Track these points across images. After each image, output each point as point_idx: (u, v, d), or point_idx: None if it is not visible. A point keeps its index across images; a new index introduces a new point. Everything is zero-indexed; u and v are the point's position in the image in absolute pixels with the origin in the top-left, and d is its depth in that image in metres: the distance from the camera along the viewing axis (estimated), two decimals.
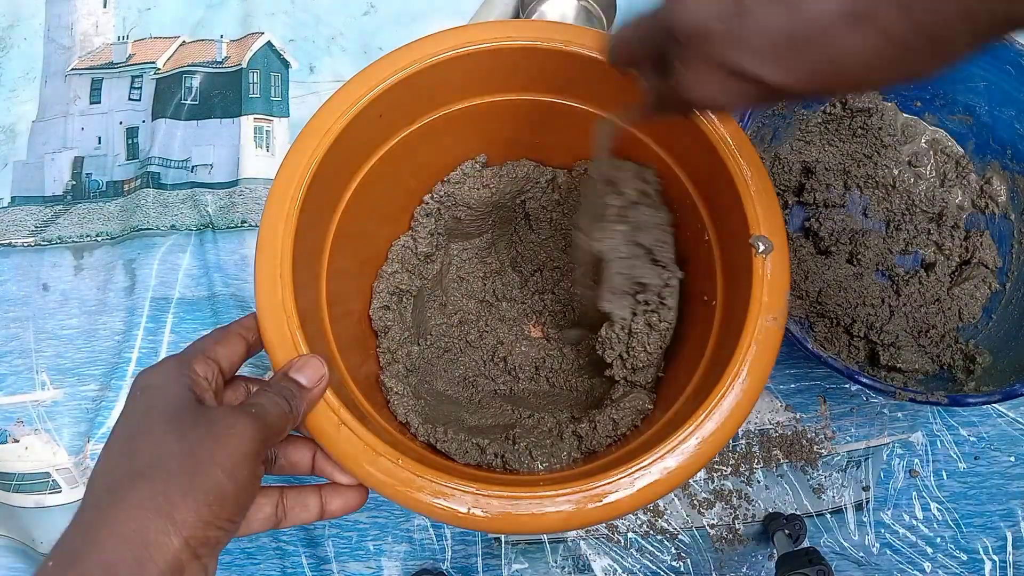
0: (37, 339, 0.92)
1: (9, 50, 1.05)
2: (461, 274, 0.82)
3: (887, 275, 0.87)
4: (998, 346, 0.80)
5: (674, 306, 0.66)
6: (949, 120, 0.89)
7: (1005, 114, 0.84)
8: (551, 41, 0.63)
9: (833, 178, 0.89)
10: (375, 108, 0.62)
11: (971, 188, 0.89)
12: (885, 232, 0.89)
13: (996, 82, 0.82)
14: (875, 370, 0.82)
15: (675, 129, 0.64)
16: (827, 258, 0.87)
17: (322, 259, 0.65)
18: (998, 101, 0.83)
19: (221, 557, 0.82)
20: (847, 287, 0.84)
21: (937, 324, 0.83)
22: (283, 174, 0.58)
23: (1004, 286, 0.85)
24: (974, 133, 0.88)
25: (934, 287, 0.85)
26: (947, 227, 0.88)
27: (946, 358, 0.81)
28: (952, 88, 0.85)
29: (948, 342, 0.82)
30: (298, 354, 0.54)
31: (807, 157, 0.90)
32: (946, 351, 0.82)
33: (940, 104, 0.88)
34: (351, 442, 0.53)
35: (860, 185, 0.90)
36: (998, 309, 0.84)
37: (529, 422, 0.71)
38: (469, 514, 0.51)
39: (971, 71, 0.82)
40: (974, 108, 0.86)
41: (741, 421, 0.53)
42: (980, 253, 0.86)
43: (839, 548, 0.83)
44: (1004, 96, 0.82)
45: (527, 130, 0.74)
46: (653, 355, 0.67)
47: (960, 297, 0.84)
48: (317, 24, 1.05)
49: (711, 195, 0.66)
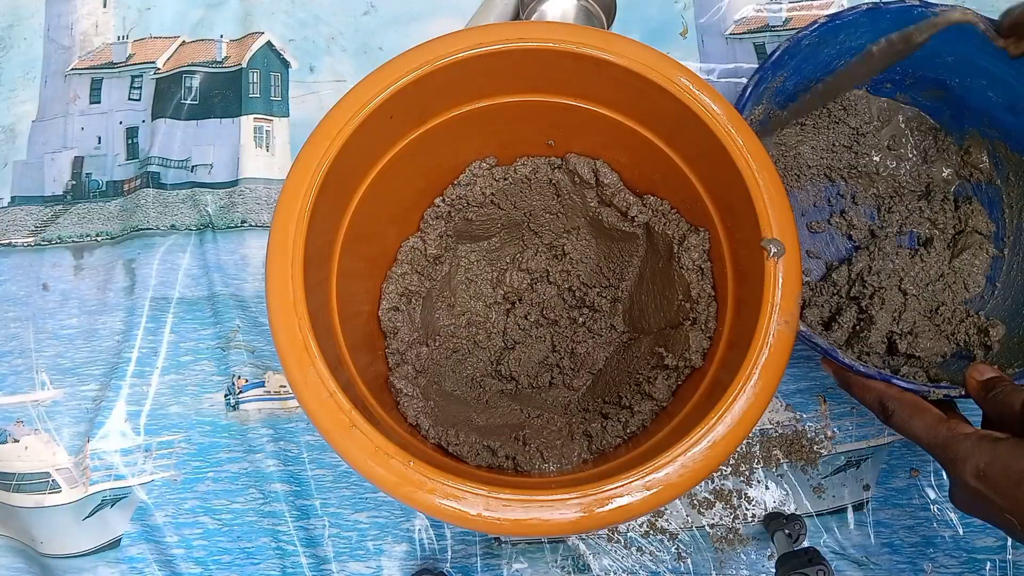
0: (37, 339, 0.91)
1: (9, 50, 1.05)
2: (470, 276, 0.82)
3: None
4: (1010, 316, 0.80)
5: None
6: (922, 96, 0.89)
7: (976, 84, 0.83)
8: (563, 43, 0.63)
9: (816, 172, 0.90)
10: (386, 109, 0.62)
11: (953, 160, 0.89)
12: (877, 216, 0.90)
13: (963, 55, 0.82)
14: (894, 359, 0.81)
15: (685, 129, 0.65)
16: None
17: (332, 260, 0.65)
18: (967, 73, 0.83)
19: (221, 557, 0.82)
20: None
21: (946, 300, 0.83)
22: (294, 175, 0.58)
23: (1003, 251, 0.85)
24: (948, 106, 0.87)
25: (936, 263, 0.85)
26: (936, 201, 0.88)
27: (960, 335, 0.81)
28: (921, 65, 0.85)
29: (960, 316, 0.82)
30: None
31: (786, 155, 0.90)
32: (959, 327, 0.81)
33: (910, 83, 0.87)
34: (362, 444, 0.53)
35: (844, 176, 0.90)
36: (1001, 276, 0.84)
37: (538, 422, 0.71)
38: (480, 516, 0.52)
39: (937, 47, 0.81)
40: (945, 82, 0.85)
41: (753, 425, 0.54)
42: (972, 221, 0.86)
43: (839, 548, 0.83)
44: (973, 67, 0.82)
45: (537, 132, 0.74)
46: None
47: (961, 269, 0.85)
48: (317, 24, 1.04)
49: (722, 197, 0.66)
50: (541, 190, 0.78)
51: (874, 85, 0.89)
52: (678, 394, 0.67)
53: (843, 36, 0.81)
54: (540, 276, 0.83)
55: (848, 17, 0.80)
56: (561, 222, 0.81)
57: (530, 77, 0.67)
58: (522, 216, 0.80)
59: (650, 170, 0.73)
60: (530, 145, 0.76)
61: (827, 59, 0.83)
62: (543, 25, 0.66)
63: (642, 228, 0.76)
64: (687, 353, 0.66)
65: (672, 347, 0.69)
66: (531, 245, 0.83)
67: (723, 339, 0.64)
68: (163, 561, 0.83)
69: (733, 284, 0.65)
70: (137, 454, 0.86)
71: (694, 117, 0.62)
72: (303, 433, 0.87)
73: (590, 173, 0.76)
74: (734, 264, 0.65)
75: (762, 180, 0.59)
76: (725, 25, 1.03)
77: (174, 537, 0.84)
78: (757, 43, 1.02)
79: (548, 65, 0.65)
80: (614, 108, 0.69)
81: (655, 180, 0.74)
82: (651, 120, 0.69)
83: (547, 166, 0.77)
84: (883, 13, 0.80)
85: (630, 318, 0.80)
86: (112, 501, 0.85)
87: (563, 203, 0.79)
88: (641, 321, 0.78)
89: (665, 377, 0.68)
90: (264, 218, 0.95)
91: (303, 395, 0.54)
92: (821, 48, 0.81)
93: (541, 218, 0.80)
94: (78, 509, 0.85)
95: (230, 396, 0.88)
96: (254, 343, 0.90)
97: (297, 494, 0.85)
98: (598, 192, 0.77)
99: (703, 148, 0.64)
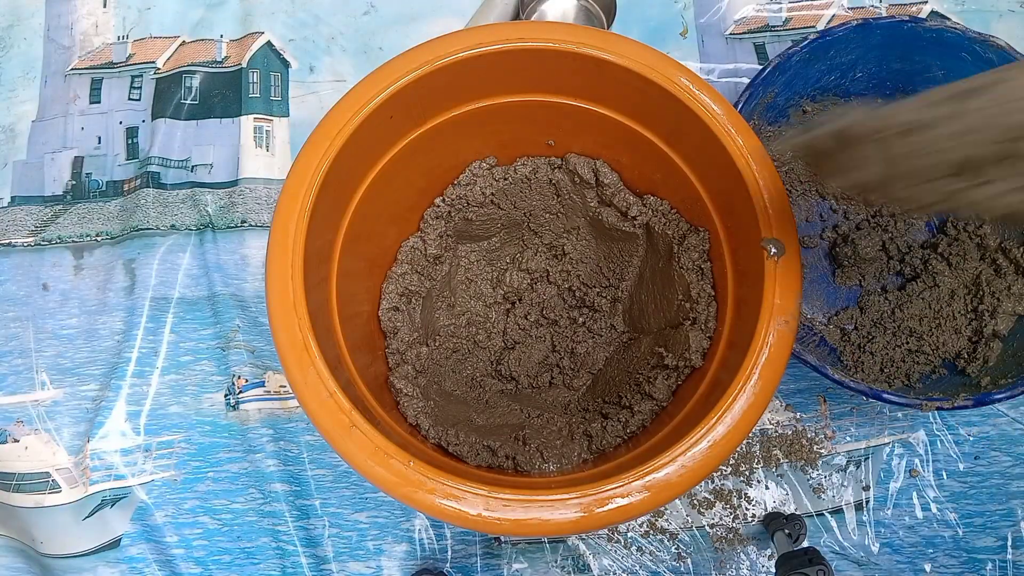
0: (37, 339, 0.91)
1: (9, 50, 1.05)
2: (470, 275, 0.82)
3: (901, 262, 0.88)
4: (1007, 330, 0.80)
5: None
6: None
7: None
8: (563, 43, 0.63)
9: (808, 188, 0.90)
10: (386, 109, 0.62)
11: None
12: (871, 219, 0.90)
13: (953, 69, 0.82)
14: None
15: (685, 130, 0.65)
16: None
17: (332, 260, 0.65)
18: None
19: (221, 557, 0.82)
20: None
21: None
22: (294, 175, 0.58)
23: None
24: None
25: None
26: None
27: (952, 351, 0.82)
28: (910, 81, 0.85)
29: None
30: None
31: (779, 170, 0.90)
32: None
33: (900, 99, 0.88)
34: (362, 444, 0.53)
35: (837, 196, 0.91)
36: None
37: (538, 422, 0.71)
38: (480, 516, 0.52)
39: (927, 62, 0.82)
40: None
41: (753, 425, 0.54)
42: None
43: (839, 548, 0.83)
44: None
45: (537, 132, 0.74)
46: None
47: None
48: (317, 24, 1.05)
49: (722, 197, 0.66)
50: (541, 190, 0.78)
51: (864, 101, 0.89)
52: (678, 394, 0.67)
53: (833, 52, 0.82)
54: (540, 276, 0.83)
55: (839, 33, 0.80)
56: (561, 222, 0.81)
57: (530, 77, 0.67)
58: (522, 216, 0.80)
59: (650, 170, 0.73)
60: (530, 145, 0.76)
61: (817, 75, 0.84)
62: (543, 25, 0.66)
63: (642, 228, 0.76)
64: (687, 353, 0.66)
65: (672, 347, 0.69)
66: (531, 245, 0.83)
67: (723, 339, 0.64)
68: (163, 561, 0.83)
69: (733, 284, 0.65)
70: (137, 454, 0.86)
71: (694, 117, 0.62)
72: (303, 433, 0.87)
73: (590, 173, 0.76)
74: (734, 264, 0.65)
75: (762, 180, 0.59)
76: (725, 25, 1.03)
77: (174, 537, 0.84)
78: (757, 43, 1.02)
79: (548, 65, 0.65)
80: (614, 108, 0.69)
81: (655, 180, 0.74)
82: (651, 120, 0.69)
83: (547, 166, 0.77)
84: (873, 29, 0.80)
85: (630, 318, 0.80)
86: (112, 501, 0.85)
87: (563, 203, 0.79)
88: (641, 321, 0.78)
89: (665, 377, 0.68)
90: (264, 218, 0.95)
91: (303, 395, 0.54)
92: (812, 64, 0.82)
93: (541, 218, 0.80)
94: (78, 509, 0.85)
95: (230, 396, 0.88)
96: (254, 343, 0.90)
97: (297, 494, 0.85)
98: (598, 192, 0.77)
99: (703, 148, 0.64)
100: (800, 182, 0.90)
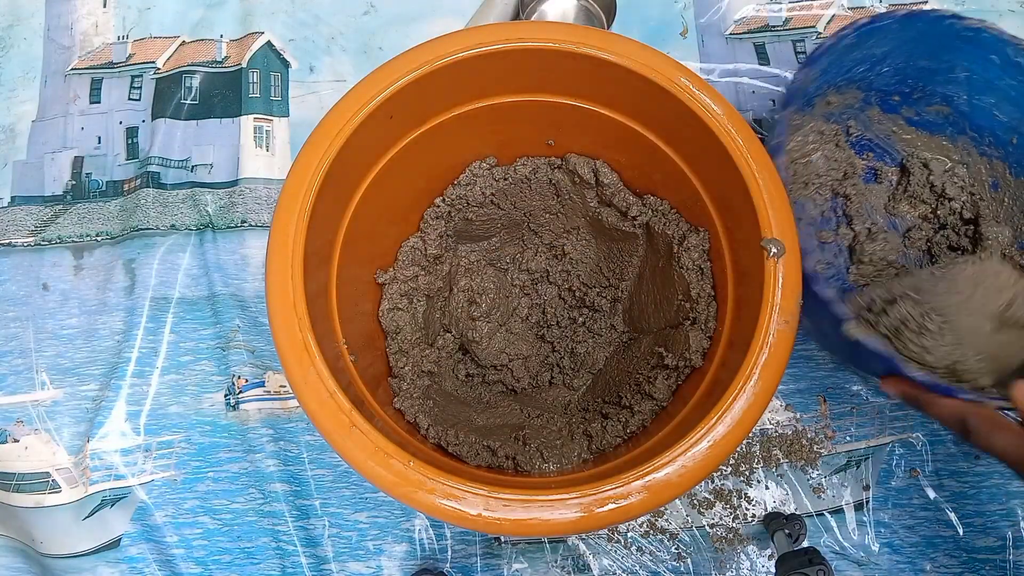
0: (37, 339, 0.91)
1: (9, 50, 1.05)
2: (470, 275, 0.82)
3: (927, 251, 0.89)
4: None
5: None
6: (926, 112, 0.89)
7: (984, 102, 0.84)
8: (563, 43, 0.63)
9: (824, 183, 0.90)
10: (386, 109, 0.62)
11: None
12: (887, 201, 0.91)
13: (979, 71, 0.82)
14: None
15: (685, 129, 0.65)
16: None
17: (332, 261, 0.65)
18: (979, 89, 0.83)
19: (221, 557, 0.82)
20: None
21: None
22: (294, 175, 0.58)
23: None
24: (950, 123, 0.88)
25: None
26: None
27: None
28: (931, 80, 0.85)
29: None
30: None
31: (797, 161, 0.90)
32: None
33: (918, 97, 0.88)
34: (362, 444, 0.53)
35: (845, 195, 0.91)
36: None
37: (538, 422, 0.71)
38: (480, 516, 0.52)
39: (953, 62, 0.82)
40: (952, 98, 0.86)
41: (753, 425, 0.54)
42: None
43: (839, 548, 0.83)
44: (985, 84, 0.82)
45: (537, 132, 0.74)
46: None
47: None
48: (317, 24, 1.05)
49: (722, 196, 0.66)
50: (541, 190, 0.78)
51: (883, 99, 0.89)
52: (678, 394, 0.67)
53: (873, 41, 0.81)
54: (540, 276, 0.83)
55: (885, 21, 0.79)
56: (561, 222, 0.81)
57: (530, 77, 0.67)
58: (522, 216, 0.80)
59: (650, 170, 0.73)
60: (530, 145, 0.76)
61: (851, 64, 0.83)
62: (543, 25, 0.66)
63: (642, 228, 0.76)
64: (687, 353, 0.66)
65: (672, 347, 0.69)
66: (531, 245, 0.83)
67: (723, 339, 0.64)
68: (163, 561, 0.83)
69: (733, 284, 0.65)
70: (137, 454, 0.86)
71: (694, 117, 0.62)
72: (303, 433, 0.87)
73: (590, 173, 0.76)
74: (734, 264, 0.65)
75: (762, 180, 0.59)
76: (725, 25, 1.03)
77: (174, 537, 0.84)
78: (757, 43, 1.02)
79: (548, 65, 0.65)
80: (614, 108, 0.69)
81: (655, 180, 0.74)
82: (651, 120, 0.69)
83: (547, 166, 0.77)
84: (916, 20, 0.79)
85: (630, 318, 0.80)
86: (112, 501, 0.84)
87: (563, 203, 0.79)
88: (641, 321, 0.78)
89: (665, 377, 0.68)
90: (264, 218, 0.95)
91: (303, 395, 0.54)
92: (852, 51, 0.81)
93: (541, 218, 0.80)
94: (78, 509, 0.84)
95: (230, 396, 0.88)
96: (254, 343, 0.90)
97: (297, 494, 0.85)
98: (598, 192, 0.77)
99: (703, 148, 0.64)
100: (817, 176, 0.90)
